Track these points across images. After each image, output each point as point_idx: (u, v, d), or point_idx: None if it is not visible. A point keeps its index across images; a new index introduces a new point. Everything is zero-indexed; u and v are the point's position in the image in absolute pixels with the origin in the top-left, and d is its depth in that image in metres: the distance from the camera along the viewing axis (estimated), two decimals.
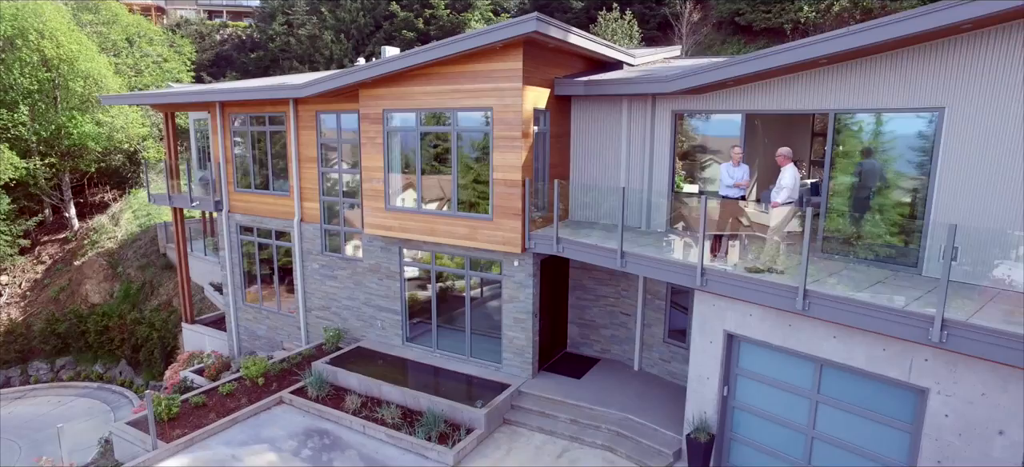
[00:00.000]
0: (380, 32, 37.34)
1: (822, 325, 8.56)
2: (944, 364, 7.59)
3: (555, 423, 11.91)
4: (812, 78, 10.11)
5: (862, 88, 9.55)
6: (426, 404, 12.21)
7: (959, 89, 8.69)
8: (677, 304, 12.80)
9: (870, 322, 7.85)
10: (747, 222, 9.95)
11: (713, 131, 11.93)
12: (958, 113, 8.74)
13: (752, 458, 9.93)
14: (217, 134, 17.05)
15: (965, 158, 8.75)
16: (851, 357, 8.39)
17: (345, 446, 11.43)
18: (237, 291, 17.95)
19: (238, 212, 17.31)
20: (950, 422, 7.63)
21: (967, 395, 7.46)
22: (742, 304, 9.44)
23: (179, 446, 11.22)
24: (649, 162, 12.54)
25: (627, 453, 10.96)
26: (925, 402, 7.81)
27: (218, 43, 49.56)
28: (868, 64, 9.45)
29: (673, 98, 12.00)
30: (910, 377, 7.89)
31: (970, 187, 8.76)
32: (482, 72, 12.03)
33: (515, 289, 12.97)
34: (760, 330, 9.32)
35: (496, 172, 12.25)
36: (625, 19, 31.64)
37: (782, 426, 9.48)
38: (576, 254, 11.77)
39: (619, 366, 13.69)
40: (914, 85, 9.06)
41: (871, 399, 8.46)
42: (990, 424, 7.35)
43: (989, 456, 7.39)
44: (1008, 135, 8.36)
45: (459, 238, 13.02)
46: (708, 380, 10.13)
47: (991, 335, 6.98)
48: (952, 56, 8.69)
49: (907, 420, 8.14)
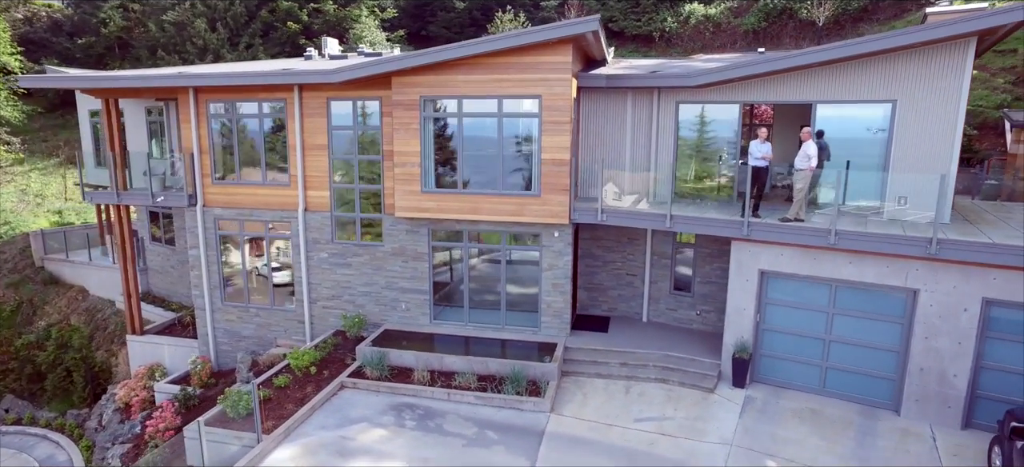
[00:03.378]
0: (256, 22, 35.03)
1: (842, 255, 11.79)
2: (929, 270, 11.19)
3: (609, 368, 13.87)
4: (799, 77, 13.40)
5: (838, 85, 13.04)
6: (495, 368, 13.33)
7: (906, 88, 12.50)
8: (680, 260, 15.54)
9: (885, 247, 11.20)
10: (769, 187, 12.92)
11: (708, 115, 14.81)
12: (906, 104, 12.56)
13: (780, 367, 12.98)
14: (189, 123, 15.82)
15: (911, 135, 12.60)
16: (863, 275, 11.73)
17: (440, 413, 12.15)
18: (214, 291, 16.73)
19: (217, 206, 16.22)
20: (933, 309, 11.27)
21: (944, 289, 11.14)
22: (775, 246, 12.38)
23: (278, 437, 10.98)
24: (656, 144, 15.02)
25: (679, 381, 13.37)
26: (916, 299, 11.39)
27: (21, 22, 41.61)
28: (842, 68, 12.95)
29: (677, 91, 14.62)
30: (906, 283, 11.41)
31: (913, 152, 12.64)
32: (531, 63, 13.47)
33: (554, 258, 14.61)
34: (790, 265, 12.34)
35: (545, 153, 13.78)
36: (519, 21, 34.12)
37: (804, 337, 12.63)
38: (619, 221, 13.84)
39: (630, 320, 16.05)
40: (875, 84, 12.73)
41: (875, 305, 11.91)
42: (958, 306, 11.09)
43: (957, 327, 11.13)
44: (939, 118, 12.32)
45: (506, 215, 14.26)
46: (744, 310, 12.95)
47: (959, 245, 10.66)
48: (900, 65, 12.46)
49: (901, 315, 11.70)
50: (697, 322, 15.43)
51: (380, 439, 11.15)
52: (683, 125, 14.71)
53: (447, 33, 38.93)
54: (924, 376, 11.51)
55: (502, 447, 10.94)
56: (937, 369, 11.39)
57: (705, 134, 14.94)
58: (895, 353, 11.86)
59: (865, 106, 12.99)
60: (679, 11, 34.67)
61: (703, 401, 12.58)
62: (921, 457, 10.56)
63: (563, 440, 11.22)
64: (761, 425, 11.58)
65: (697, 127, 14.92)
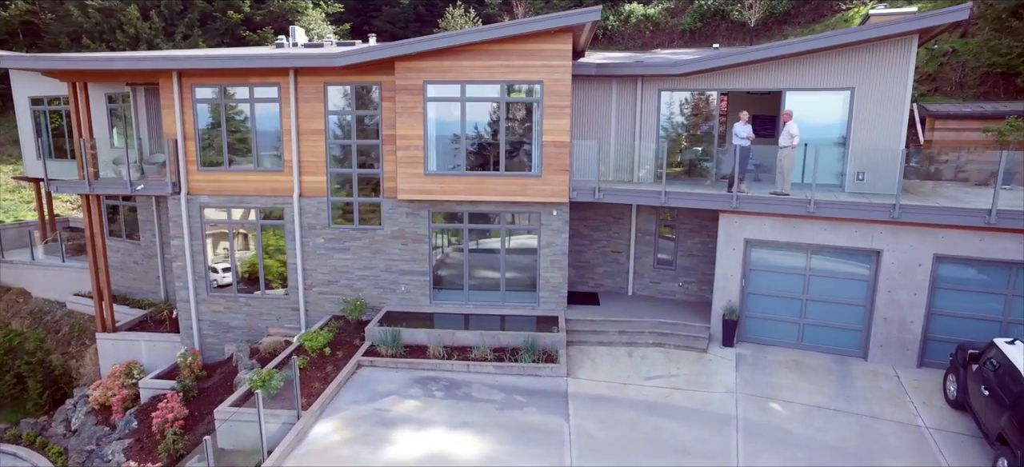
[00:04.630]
0: (193, 12, 33.38)
1: (818, 222, 13.38)
2: (891, 232, 12.98)
3: (609, 336, 14.85)
4: (770, 67, 14.97)
5: (804, 75, 14.71)
6: (506, 340, 13.95)
7: (862, 77, 14.32)
8: (664, 236, 16.81)
9: (856, 213, 12.88)
10: (753, 165, 14.38)
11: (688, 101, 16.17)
12: (862, 91, 14.39)
13: (764, 327, 14.47)
14: (173, 108, 15.30)
15: (865, 115, 14.45)
16: (836, 240, 13.38)
17: (464, 383, 12.63)
18: (200, 281, 16.21)
19: (203, 193, 15.77)
20: (894, 266, 13.07)
21: (903, 249, 12.96)
22: (759, 217, 13.83)
23: (315, 412, 11.09)
24: (640, 129, 16.17)
25: (674, 344, 14.56)
26: (880, 259, 13.15)
27: None
28: (807, 59, 14.62)
29: (660, 80, 15.85)
30: (872, 244, 13.15)
31: (868, 134, 14.50)
32: (533, 50, 14.20)
33: (552, 236, 15.42)
34: (772, 233, 13.83)
35: (546, 135, 14.55)
36: (470, 17, 34.65)
37: (783, 298, 14.18)
38: (616, 198, 14.86)
39: (616, 295, 17.13)
40: (836, 74, 14.48)
41: (843, 265, 13.61)
42: (914, 262, 12.94)
43: (913, 280, 12.98)
44: (890, 103, 14.22)
45: (508, 195, 14.90)
46: (732, 277, 14.33)
47: (917, 209, 12.49)
48: (857, 58, 14.27)
49: (867, 273, 13.45)
50: (680, 293, 16.75)
51: (415, 409, 11.51)
52: (665, 111, 15.98)
53: (392, 28, 38.78)
54: (887, 325, 13.32)
55: (533, 408, 11.62)
56: (898, 318, 13.22)
57: (680, 120, 16.29)
58: (862, 307, 13.61)
59: (828, 93, 14.74)
60: (620, 10, 36.45)
61: (700, 360, 13.83)
62: (891, 392, 12.28)
63: (587, 399, 12.05)
64: (757, 376, 12.96)
65: (678, 113, 16.23)
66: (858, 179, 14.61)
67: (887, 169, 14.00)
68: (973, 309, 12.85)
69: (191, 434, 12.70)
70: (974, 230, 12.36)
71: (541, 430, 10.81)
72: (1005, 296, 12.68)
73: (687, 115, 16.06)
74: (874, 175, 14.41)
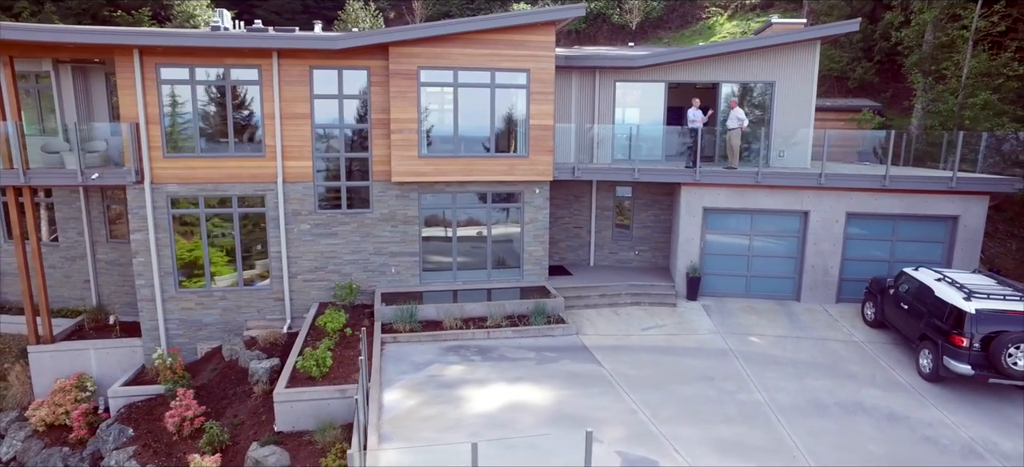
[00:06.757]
0: None
1: (762, 190, 16.23)
2: (816, 196, 16.20)
3: (593, 300, 16.45)
4: (708, 63, 17.66)
5: (736, 70, 17.61)
6: (512, 309, 14.95)
7: (781, 72, 17.55)
8: (620, 210, 18.84)
9: (791, 182, 15.90)
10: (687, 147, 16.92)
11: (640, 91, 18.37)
12: (781, 84, 17.61)
13: (719, 282, 17.04)
14: (132, 89, 14.04)
15: (784, 105, 17.70)
16: (775, 204, 16.34)
17: (491, 348, 13.42)
18: (166, 278, 14.92)
19: (171, 182, 14.60)
20: (818, 225, 16.32)
21: (825, 210, 16.24)
22: (714, 188, 16.37)
23: (376, 385, 11.23)
24: (597, 114, 18.04)
25: (649, 302, 16.58)
26: (808, 218, 16.33)
27: None
28: (739, 57, 17.54)
29: (616, 72, 17.86)
30: (802, 206, 16.28)
31: (787, 120, 17.78)
32: (520, 41, 15.35)
33: (535, 212, 16.66)
34: (725, 201, 16.44)
35: (533, 119, 15.76)
36: (370, 9, 34.31)
37: (734, 255, 16.90)
38: (592, 176, 16.56)
39: (581, 265, 18.81)
40: (761, 69, 17.56)
41: (780, 225, 16.64)
42: (833, 219, 16.29)
43: (832, 233, 16.33)
44: (801, 92, 17.60)
45: (497, 174, 15.86)
46: (692, 240, 16.73)
47: (836, 176, 15.82)
48: (777, 57, 17.47)
49: (797, 231, 16.59)
50: (636, 261, 18.90)
51: (464, 372, 12.12)
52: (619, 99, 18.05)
53: (279, 19, 36.87)
54: (814, 271, 16.56)
55: (567, 359, 12.84)
56: (821, 265, 16.51)
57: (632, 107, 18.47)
58: (794, 259, 16.75)
59: (755, 85, 17.79)
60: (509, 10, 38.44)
61: (675, 312, 16.00)
62: (827, 321, 15.43)
63: (605, 349, 13.54)
64: (727, 319, 15.41)
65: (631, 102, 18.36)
66: (780, 156, 17.85)
67: (800, 148, 17.40)
68: (869, 253, 16.51)
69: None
70: (873, 192, 15.95)
71: (586, 376, 12.09)
72: (890, 242, 16.50)
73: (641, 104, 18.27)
74: (792, 153, 17.74)
